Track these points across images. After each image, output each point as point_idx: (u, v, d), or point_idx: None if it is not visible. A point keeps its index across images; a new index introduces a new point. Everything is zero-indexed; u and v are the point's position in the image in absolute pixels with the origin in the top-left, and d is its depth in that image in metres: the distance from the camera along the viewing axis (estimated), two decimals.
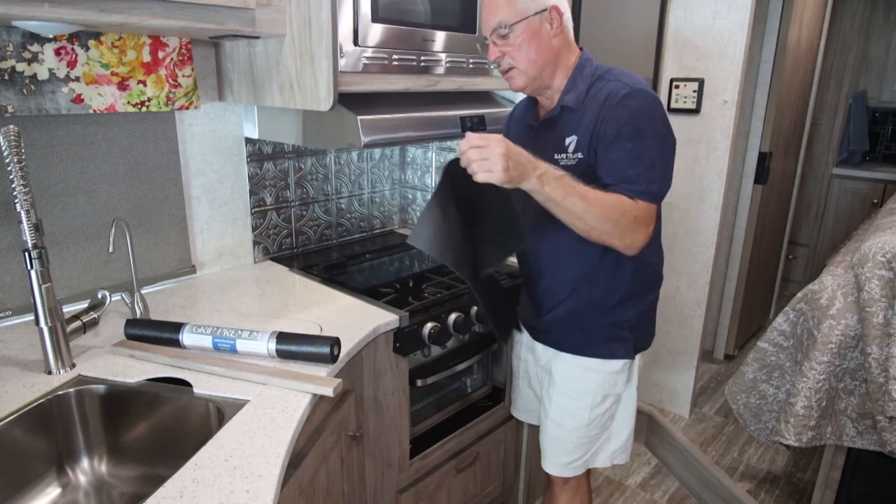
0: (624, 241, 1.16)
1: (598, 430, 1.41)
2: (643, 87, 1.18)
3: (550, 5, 1.19)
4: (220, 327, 1.16)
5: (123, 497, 1.07)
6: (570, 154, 1.22)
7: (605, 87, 1.20)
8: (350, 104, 1.36)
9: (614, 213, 1.12)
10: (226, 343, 1.14)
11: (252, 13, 1.19)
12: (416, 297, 1.52)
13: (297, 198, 1.85)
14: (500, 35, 1.19)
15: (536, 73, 1.22)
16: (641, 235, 1.17)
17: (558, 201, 1.09)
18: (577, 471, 1.46)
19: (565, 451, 1.43)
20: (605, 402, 1.38)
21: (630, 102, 1.15)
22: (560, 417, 1.40)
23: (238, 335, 1.14)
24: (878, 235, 1.64)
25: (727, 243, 3.07)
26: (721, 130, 2.36)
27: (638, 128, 1.15)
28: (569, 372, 1.37)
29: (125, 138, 1.43)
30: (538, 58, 1.21)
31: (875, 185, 3.89)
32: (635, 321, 1.34)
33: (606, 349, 1.34)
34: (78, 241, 1.39)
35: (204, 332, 1.16)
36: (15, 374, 1.10)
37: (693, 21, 2.33)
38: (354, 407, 1.35)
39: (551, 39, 1.21)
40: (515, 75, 1.23)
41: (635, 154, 1.15)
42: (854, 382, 1.66)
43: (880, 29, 3.91)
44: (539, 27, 1.19)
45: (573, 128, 1.22)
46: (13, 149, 0.98)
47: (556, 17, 1.20)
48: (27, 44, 1.22)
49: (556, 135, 1.25)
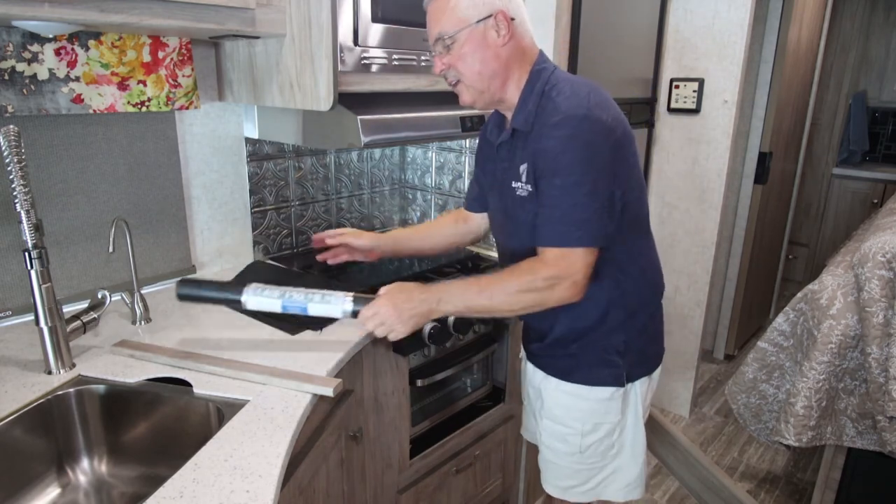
0: (554, 301, 1.09)
1: (596, 459, 1.30)
2: (576, 111, 1.04)
3: (496, 11, 1.07)
4: (288, 290, 1.11)
5: (123, 497, 1.07)
6: (524, 185, 1.13)
7: (545, 108, 1.09)
8: (350, 104, 1.36)
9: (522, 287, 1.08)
10: (296, 307, 1.10)
11: (252, 13, 1.19)
12: None
13: (297, 197, 1.85)
14: (443, 45, 1.10)
15: (484, 87, 1.12)
16: (565, 290, 1.07)
17: (466, 313, 1.12)
18: (583, 497, 1.35)
19: (563, 475, 1.34)
20: (597, 431, 1.27)
21: (559, 133, 1.04)
22: (550, 442, 1.32)
23: (310, 299, 1.10)
24: (878, 235, 1.64)
25: (727, 243, 3.07)
26: (721, 130, 2.36)
27: (568, 162, 1.04)
28: (556, 398, 1.29)
29: (125, 138, 1.43)
30: (483, 69, 1.10)
31: (875, 185, 3.89)
32: (625, 346, 1.23)
33: (594, 376, 1.23)
34: (78, 241, 1.39)
35: (271, 295, 1.10)
36: (15, 374, 1.10)
37: (693, 21, 2.33)
38: (354, 407, 1.35)
39: (498, 49, 1.09)
40: (462, 90, 1.14)
41: (563, 192, 1.05)
42: (854, 382, 1.66)
43: (880, 29, 3.91)
44: (483, 36, 1.08)
45: (526, 154, 1.12)
46: (13, 149, 0.98)
47: (503, 23, 1.08)
48: (27, 44, 1.22)
49: (512, 160, 1.16)
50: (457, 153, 2.00)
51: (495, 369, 1.83)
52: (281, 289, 1.11)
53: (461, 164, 1.99)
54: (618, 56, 2.19)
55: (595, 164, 1.05)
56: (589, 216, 1.05)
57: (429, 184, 2.12)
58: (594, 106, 1.06)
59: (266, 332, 1.29)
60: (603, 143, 1.05)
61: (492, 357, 1.80)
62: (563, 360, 1.26)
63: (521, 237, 1.16)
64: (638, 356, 1.26)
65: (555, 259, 1.07)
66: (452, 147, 2.00)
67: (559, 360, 1.27)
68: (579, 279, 1.07)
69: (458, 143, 1.98)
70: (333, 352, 1.21)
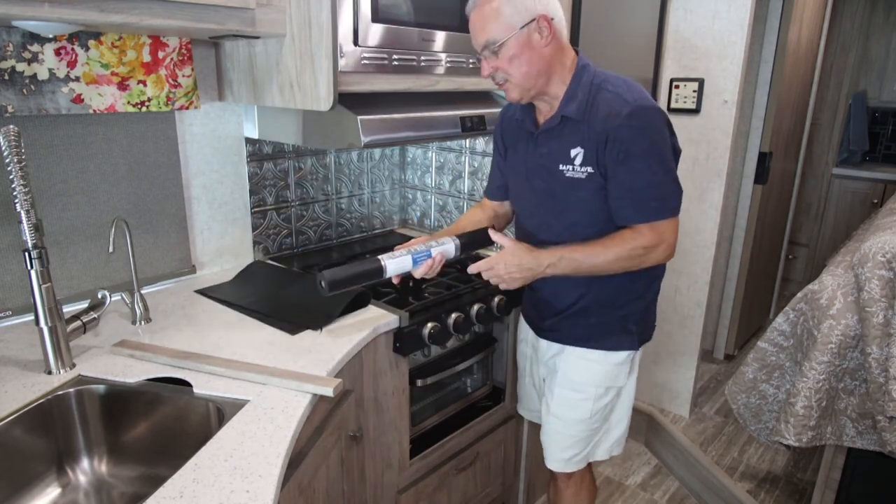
0: (651, 262, 1.25)
1: (599, 423, 1.43)
2: (644, 102, 1.18)
3: (539, 14, 1.16)
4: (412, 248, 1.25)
5: (123, 497, 1.07)
6: (578, 167, 1.24)
7: (606, 100, 1.20)
8: (350, 104, 1.36)
9: (623, 255, 1.22)
10: (422, 256, 1.25)
11: (252, 13, 1.19)
12: (416, 297, 1.52)
13: (297, 198, 1.85)
14: (491, 51, 1.19)
15: (531, 85, 1.22)
16: (661, 254, 1.24)
17: (571, 275, 1.27)
18: (580, 465, 1.48)
19: (567, 445, 1.44)
20: (607, 395, 1.40)
21: (634, 122, 1.16)
22: (561, 410, 1.42)
23: (430, 246, 1.27)
24: (878, 235, 1.64)
25: (727, 243, 3.07)
26: (721, 130, 2.36)
27: (645, 148, 1.17)
28: (573, 364, 1.39)
29: (125, 138, 1.43)
30: (530, 69, 1.20)
31: (875, 185, 3.89)
32: (640, 314, 1.37)
33: (613, 341, 1.37)
34: (78, 241, 1.39)
35: (401, 255, 1.24)
36: (15, 374, 1.10)
37: (693, 21, 2.33)
38: (354, 407, 1.35)
39: (542, 49, 1.19)
40: (510, 88, 1.23)
41: (647, 174, 1.18)
42: (854, 382, 1.66)
43: (880, 29, 3.91)
44: (528, 39, 1.17)
45: (577, 139, 1.23)
46: (13, 149, 0.98)
47: (545, 25, 1.17)
48: (27, 44, 1.22)
49: (560, 145, 1.26)
50: (457, 153, 2.00)
51: (495, 369, 1.83)
52: (407, 249, 1.25)
53: (461, 164, 1.99)
54: (618, 56, 2.19)
55: (664, 146, 1.21)
56: (670, 190, 1.22)
57: (429, 184, 2.12)
58: (650, 97, 1.22)
59: (266, 332, 1.29)
60: (665, 128, 1.22)
61: (492, 357, 1.80)
62: (581, 328, 1.38)
63: (572, 216, 1.29)
64: (647, 322, 1.42)
65: (649, 231, 1.22)
66: (452, 147, 2.00)
67: (578, 328, 1.38)
68: (672, 242, 1.24)
69: (458, 143, 1.98)
70: (333, 352, 1.21)
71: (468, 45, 1.54)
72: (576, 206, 1.27)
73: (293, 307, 1.39)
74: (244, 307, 1.41)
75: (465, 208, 2.02)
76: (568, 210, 1.29)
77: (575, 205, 1.27)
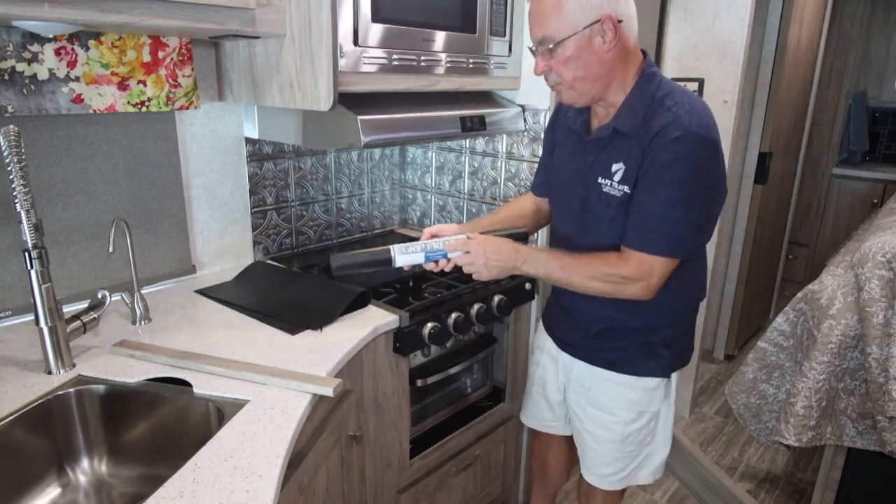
0: (625, 297, 1.17)
1: (634, 447, 1.36)
2: (699, 130, 1.07)
3: (605, 15, 1.06)
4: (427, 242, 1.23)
5: (123, 497, 1.07)
6: (616, 184, 1.16)
7: (661, 116, 1.09)
8: (350, 104, 1.36)
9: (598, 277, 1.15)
10: (436, 255, 1.22)
11: (252, 13, 1.19)
12: (416, 298, 1.52)
13: (297, 198, 1.85)
14: (547, 48, 1.10)
15: (585, 90, 1.13)
16: (638, 290, 1.15)
17: (544, 279, 1.22)
18: (616, 485, 1.42)
19: (602, 462, 1.40)
20: (640, 419, 1.33)
21: (678, 148, 1.06)
22: (594, 429, 1.38)
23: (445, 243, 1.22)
24: (878, 235, 1.64)
25: (727, 243, 3.07)
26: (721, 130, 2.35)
27: (678, 178, 1.08)
28: (603, 387, 1.33)
29: (125, 138, 1.43)
30: (587, 74, 1.10)
31: (875, 185, 3.89)
32: (671, 339, 1.29)
33: (641, 367, 1.29)
34: (78, 241, 1.39)
35: (414, 250, 1.22)
36: (15, 374, 1.10)
37: (693, 21, 2.33)
38: (354, 407, 1.35)
39: (604, 54, 1.09)
40: (562, 91, 1.16)
41: (665, 204, 1.09)
42: (854, 382, 1.66)
43: (880, 29, 3.91)
44: (589, 42, 1.07)
45: (623, 154, 1.14)
46: (13, 149, 0.98)
47: (609, 28, 1.06)
48: (27, 44, 1.22)
49: (605, 157, 1.18)
50: (457, 153, 2.00)
51: (495, 369, 1.83)
52: (421, 243, 1.23)
53: (461, 164, 1.99)
54: None
55: (701, 182, 1.10)
56: (680, 231, 1.11)
57: (429, 184, 2.12)
58: (712, 126, 1.11)
59: (266, 332, 1.29)
60: (714, 163, 1.11)
61: (492, 357, 1.80)
62: (609, 352, 1.31)
63: (599, 233, 1.22)
64: (680, 349, 1.33)
65: (637, 261, 1.13)
66: (452, 147, 2.00)
67: (606, 352, 1.32)
68: (653, 283, 1.14)
69: (458, 143, 1.98)
70: (333, 352, 1.21)
71: (468, 45, 1.55)
72: (603, 226, 1.20)
73: (293, 307, 1.39)
74: (244, 307, 1.41)
75: (465, 208, 2.02)
76: (594, 226, 1.23)
77: (604, 223, 1.20)
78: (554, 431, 1.56)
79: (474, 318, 1.56)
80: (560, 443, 1.61)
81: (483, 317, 1.57)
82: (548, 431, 1.58)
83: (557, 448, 1.63)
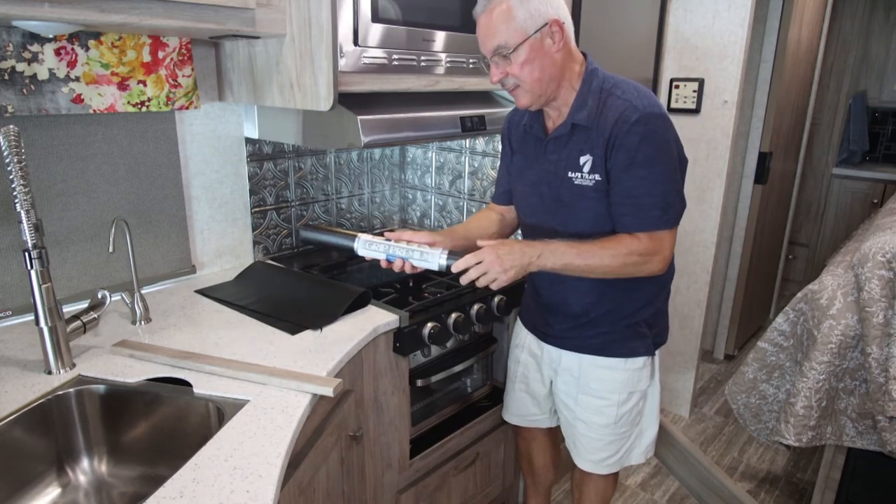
0: (644, 273, 1.22)
1: (626, 427, 1.43)
2: (652, 109, 1.16)
3: (551, 19, 1.14)
4: (391, 244, 1.21)
5: (123, 497, 1.07)
6: (587, 175, 1.22)
7: (615, 106, 1.17)
8: (350, 104, 1.36)
9: (618, 259, 1.19)
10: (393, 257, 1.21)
11: (252, 13, 1.19)
12: (416, 298, 1.52)
13: (297, 198, 1.85)
14: (501, 56, 1.16)
15: (542, 91, 1.20)
16: (655, 265, 1.21)
17: (562, 271, 1.21)
18: (612, 468, 1.48)
19: (596, 448, 1.45)
20: (630, 400, 1.40)
21: (641, 129, 1.14)
22: (587, 416, 1.42)
23: (410, 254, 1.20)
24: (878, 235, 1.64)
25: (727, 243, 3.07)
26: (721, 130, 2.36)
27: (650, 155, 1.16)
28: (593, 373, 1.39)
29: (125, 138, 1.43)
30: (543, 75, 1.17)
31: (875, 185, 3.89)
32: (652, 318, 1.37)
33: (628, 348, 1.36)
34: (78, 241, 1.39)
35: (377, 249, 1.21)
36: (15, 374, 1.10)
37: (693, 21, 2.33)
38: (354, 407, 1.35)
39: (555, 54, 1.17)
40: (520, 94, 1.21)
41: (650, 182, 1.17)
42: (854, 382, 1.66)
43: (880, 29, 3.91)
44: (541, 44, 1.15)
45: (587, 146, 1.21)
46: (13, 149, 0.98)
47: (556, 30, 1.15)
48: (27, 44, 1.22)
49: (569, 152, 1.24)
50: (457, 153, 2.00)
51: (495, 369, 1.83)
52: (386, 243, 1.22)
53: (461, 164, 1.99)
54: (618, 56, 2.19)
55: (670, 155, 1.19)
56: (670, 201, 1.19)
57: (429, 184, 2.12)
58: (660, 105, 1.20)
59: (266, 332, 1.29)
60: (672, 136, 1.20)
61: (492, 357, 1.80)
62: (596, 338, 1.37)
63: (581, 222, 1.27)
64: (659, 327, 1.41)
65: (647, 238, 1.19)
66: (452, 147, 2.00)
67: (593, 338, 1.37)
68: (667, 255, 1.22)
69: (458, 143, 1.98)
70: (333, 352, 1.21)
71: (468, 45, 1.55)
72: (583, 215, 1.26)
73: (293, 307, 1.39)
74: (244, 307, 1.41)
75: (465, 208, 2.02)
76: (575, 218, 1.27)
77: (582, 213, 1.26)
78: (538, 425, 1.62)
79: (474, 318, 1.57)
80: (543, 436, 1.66)
81: (483, 317, 1.57)
82: (532, 426, 1.62)
83: (541, 442, 1.67)
